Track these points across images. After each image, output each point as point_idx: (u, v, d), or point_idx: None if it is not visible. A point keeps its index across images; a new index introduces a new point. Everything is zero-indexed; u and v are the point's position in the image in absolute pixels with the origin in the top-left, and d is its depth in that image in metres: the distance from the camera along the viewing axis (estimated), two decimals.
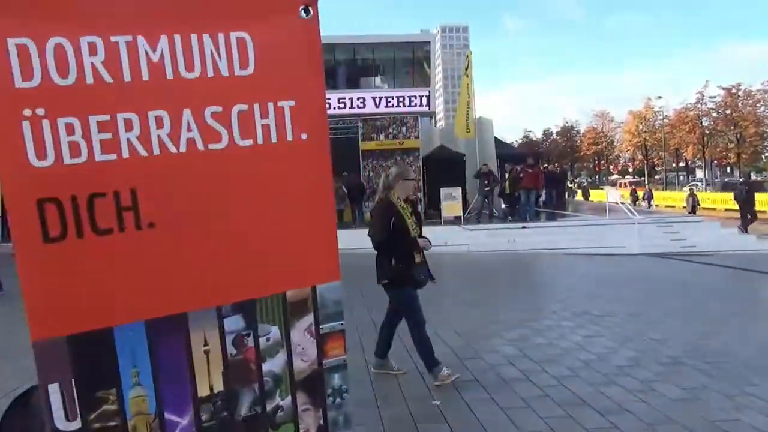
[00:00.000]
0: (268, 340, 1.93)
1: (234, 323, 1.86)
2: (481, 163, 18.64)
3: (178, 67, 1.72)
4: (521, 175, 16.67)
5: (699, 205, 29.95)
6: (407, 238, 4.58)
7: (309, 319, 2.01)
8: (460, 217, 17.56)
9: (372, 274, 4.98)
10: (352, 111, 31.91)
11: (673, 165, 64.08)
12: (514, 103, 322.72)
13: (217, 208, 1.82)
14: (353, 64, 38.40)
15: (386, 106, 34.13)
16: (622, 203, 18.74)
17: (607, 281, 10.39)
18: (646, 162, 61.22)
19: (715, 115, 51.66)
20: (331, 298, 2.06)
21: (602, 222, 17.58)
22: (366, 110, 32.39)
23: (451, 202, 17.54)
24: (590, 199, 36.03)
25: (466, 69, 20.02)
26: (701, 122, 52.08)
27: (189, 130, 1.75)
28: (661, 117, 55.94)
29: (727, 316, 7.43)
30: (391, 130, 18.75)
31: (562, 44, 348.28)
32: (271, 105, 1.90)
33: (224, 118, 1.81)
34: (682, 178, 65.73)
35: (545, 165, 24.98)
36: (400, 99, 35.67)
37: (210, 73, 1.78)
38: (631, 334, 6.22)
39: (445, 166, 19.59)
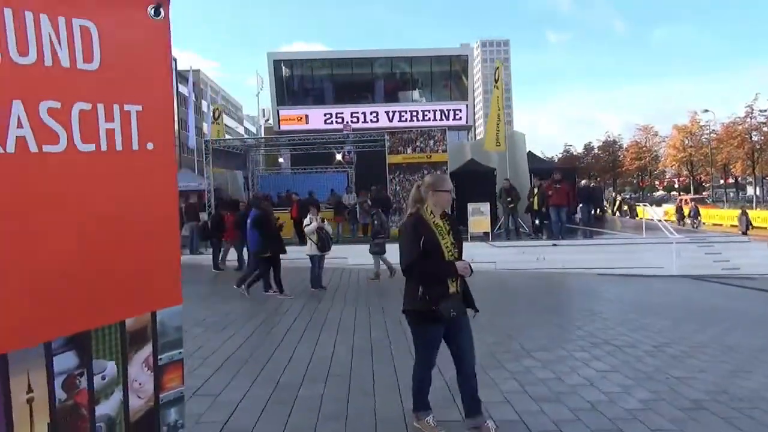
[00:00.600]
0: (103, 378, 1.67)
1: (65, 361, 1.57)
2: (503, 179, 18.08)
3: (8, 47, 1.43)
4: (549, 192, 15.93)
5: (752, 225, 28.45)
6: (441, 262, 3.78)
7: (147, 349, 1.79)
8: (488, 233, 16.98)
9: (385, 293, 4.52)
10: (390, 125, 31.76)
11: (722, 181, 61.56)
12: (556, 118, 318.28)
13: (44, 222, 1.52)
14: (391, 78, 38.34)
15: (423, 120, 33.87)
16: (659, 221, 17.77)
17: (637, 306, 9.66)
18: (692, 178, 58.98)
19: (765, 129, 49.37)
20: (172, 324, 1.88)
21: (638, 240, 16.71)
22: (404, 124, 32.20)
23: (478, 217, 16.97)
24: (638, 216, 34.22)
25: (497, 81, 19.46)
26: (750, 137, 49.84)
27: (20, 126, 1.45)
28: (708, 131, 53.84)
29: (764, 350, 6.70)
30: (418, 143, 18.33)
31: (606, 58, 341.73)
32: (116, 108, 1.67)
33: (63, 116, 1.54)
34: (731, 195, 63.11)
35: (581, 180, 23.95)
36: (437, 112, 35.38)
37: (48, 62, 1.51)
38: (651, 369, 5.59)
39: (474, 181, 19.05)
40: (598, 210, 26.43)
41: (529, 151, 24.80)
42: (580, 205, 19.28)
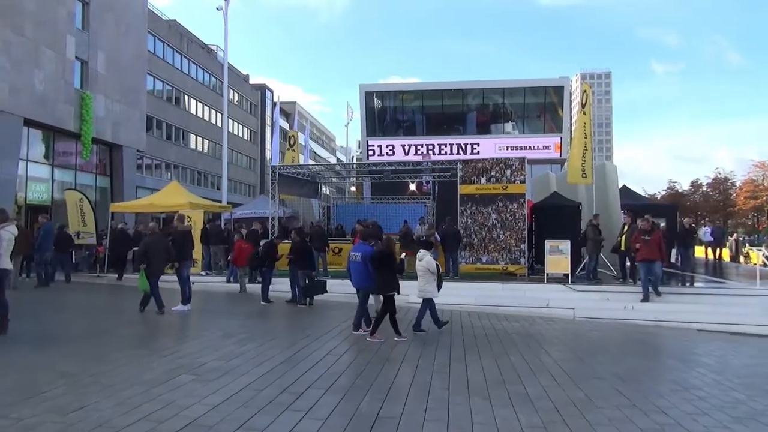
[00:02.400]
0: None
1: None
2: (592, 214, 15.99)
3: None
4: (636, 245, 13.21)
5: None
6: None
7: None
8: (568, 275, 14.93)
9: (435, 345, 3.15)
10: (480, 158, 30.37)
11: None
12: (661, 153, 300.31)
13: None
14: (483, 110, 37.03)
15: (515, 152, 32.12)
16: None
17: (747, 380, 7.46)
18: None
19: None
20: None
21: (750, 291, 14.00)
22: (497, 156, 30.73)
23: (557, 256, 15.02)
24: None
25: (584, 106, 17.47)
26: None
27: None
28: None
29: None
30: (493, 173, 16.65)
31: (719, 90, 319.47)
32: None
33: None
34: None
35: (683, 219, 20.92)
36: (530, 144, 33.55)
37: None
38: None
39: (556, 216, 17.06)
40: (719, 254, 22.93)
41: (624, 186, 22.34)
42: (675, 248, 16.50)
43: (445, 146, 33.96)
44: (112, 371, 6.44)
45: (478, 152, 32.64)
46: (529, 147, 33.21)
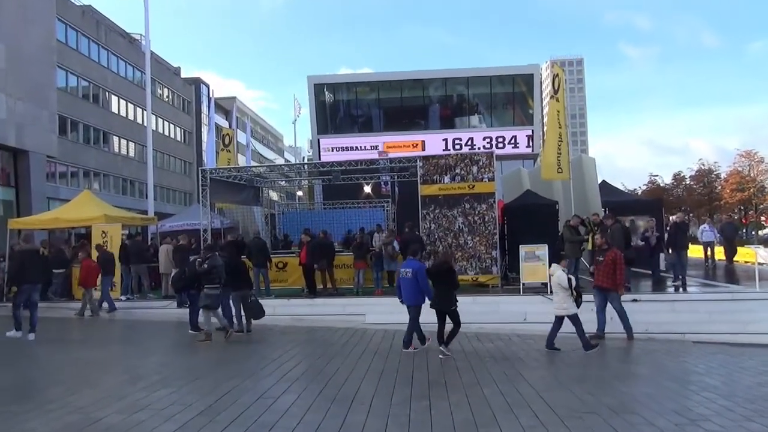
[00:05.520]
0: None
1: None
2: (571, 214, 15.64)
3: None
4: (591, 269, 12.51)
5: None
6: None
7: None
8: (546, 284, 14.47)
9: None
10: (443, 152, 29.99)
11: None
12: (639, 146, 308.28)
13: None
14: (447, 102, 36.70)
15: (482, 147, 31.79)
16: None
17: (762, 406, 6.96)
18: None
19: None
20: None
21: (749, 295, 13.79)
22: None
23: (533, 263, 14.58)
24: None
25: (556, 92, 17.12)
26: None
27: None
28: None
29: None
30: (458, 171, 16.08)
31: (694, 75, 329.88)
32: None
33: None
34: None
35: (677, 215, 20.57)
36: (499, 139, 33.37)
37: None
38: None
39: (530, 217, 16.65)
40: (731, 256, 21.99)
41: (603, 181, 22.18)
42: (668, 251, 16.07)
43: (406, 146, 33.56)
44: None
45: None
46: (500, 144, 33.06)
